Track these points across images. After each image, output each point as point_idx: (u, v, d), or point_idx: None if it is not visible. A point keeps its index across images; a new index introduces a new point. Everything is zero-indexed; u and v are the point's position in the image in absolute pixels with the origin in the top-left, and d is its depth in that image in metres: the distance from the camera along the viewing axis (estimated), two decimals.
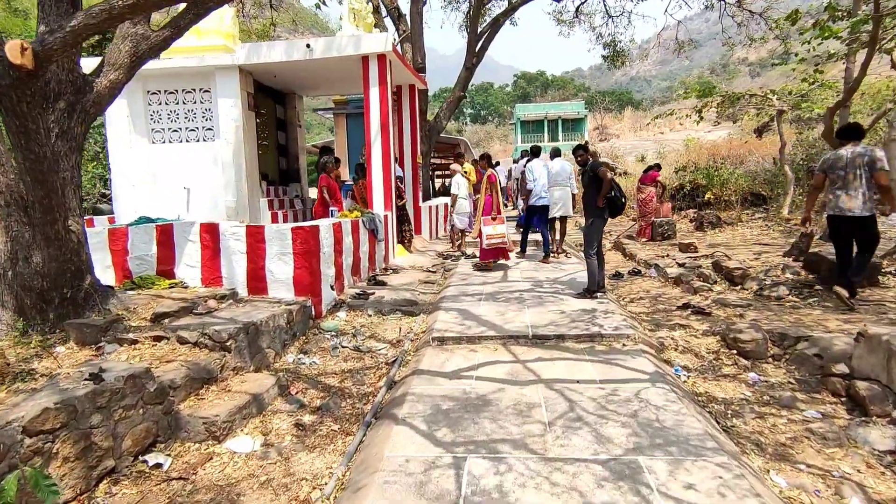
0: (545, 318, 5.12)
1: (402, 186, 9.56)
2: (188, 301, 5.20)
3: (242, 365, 4.42)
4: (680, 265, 7.42)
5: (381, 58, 8.31)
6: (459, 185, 9.13)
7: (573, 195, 8.61)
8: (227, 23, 9.61)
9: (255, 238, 5.73)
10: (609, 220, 6.09)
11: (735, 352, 4.45)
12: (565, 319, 5.08)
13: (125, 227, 6.06)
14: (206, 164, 9.00)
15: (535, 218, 8.50)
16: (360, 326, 5.70)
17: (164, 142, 9.28)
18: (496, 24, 13.53)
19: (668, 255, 8.24)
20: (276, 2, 14.83)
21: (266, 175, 10.93)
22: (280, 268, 5.70)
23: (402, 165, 10.58)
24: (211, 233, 5.86)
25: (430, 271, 7.84)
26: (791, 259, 6.71)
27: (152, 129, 9.28)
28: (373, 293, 6.48)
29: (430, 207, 10.97)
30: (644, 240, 10.32)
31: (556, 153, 8.89)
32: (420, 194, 11.06)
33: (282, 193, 10.64)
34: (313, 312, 5.70)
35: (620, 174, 19.08)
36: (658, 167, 10.68)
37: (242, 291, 5.83)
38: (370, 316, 6.00)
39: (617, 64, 14.17)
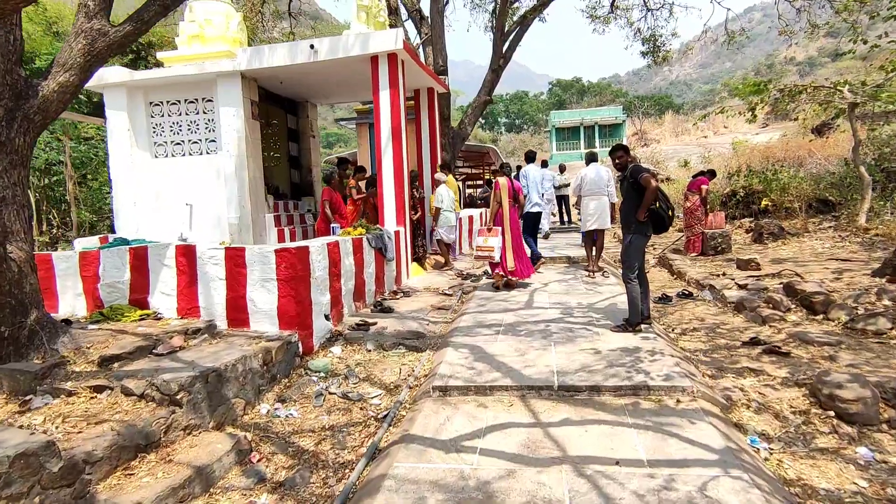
0: (575, 361, 4.10)
1: (419, 197, 8.69)
2: (151, 338, 4.46)
3: (198, 422, 3.60)
4: (741, 286, 6.24)
5: (392, 57, 7.51)
6: (442, 198, 8.34)
7: (612, 204, 7.59)
8: (234, 28, 9.07)
9: (235, 262, 4.96)
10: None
11: (833, 413, 3.32)
12: (600, 362, 4.05)
13: (97, 251, 5.41)
14: (208, 179, 8.41)
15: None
16: (355, 365, 4.82)
17: (166, 156, 8.75)
18: (524, 22, 12.61)
19: (724, 274, 7.04)
20: (295, 9, 14.40)
21: (277, 188, 10.31)
22: (262, 297, 4.90)
23: (420, 176, 9.75)
24: (187, 256, 5.13)
25: (445, 294, 6.92)
26: (885, 280, 5.44)
27: (155, 143, 8.77)
28: (375, 323, 5.60)
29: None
30: (694, 254, 9.09)
31: (591, 158, 7.88)
32: None
33: (292, 208, 9.97)
34: (300, 349, 4.86)
35: (663, 180, 17.72)
36: (711, 174, 9.41)
37: (222, 324, 5.06)
38: (369, 351, 5.12)
39: (657, 60, 12.97)
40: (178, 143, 8.70)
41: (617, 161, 5.09)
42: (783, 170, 11.57)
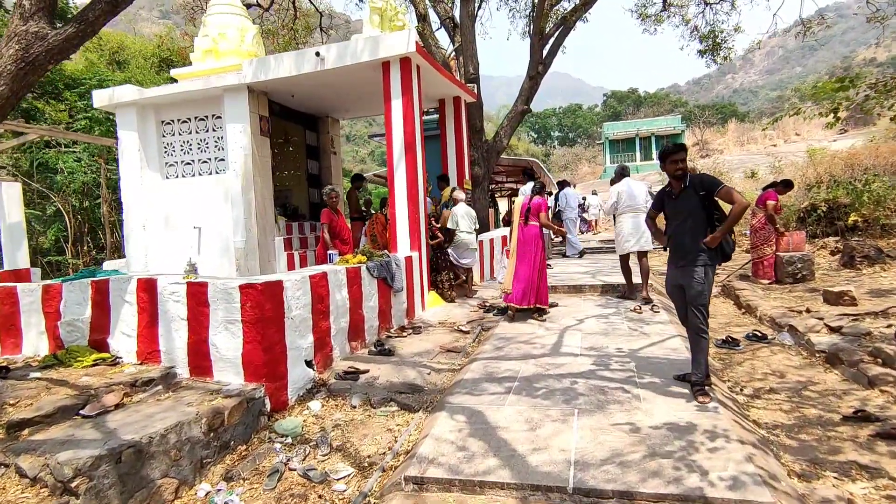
0: (603, 444, 3.01)
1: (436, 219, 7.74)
2: (86, 394, 3.75)
3: None
4: (832, 329, 4.88)
5: (405, 62, 6.71)
6: (458, 219, 7.38)
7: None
8: (248, 42, 8.60)
9: (197, 300, 4.21)
10: None
11: None
12: (638, 448, 2.94)
13: (59, 285, 4.83)
14: (217, 200, 7.87)
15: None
16: (333, 428, 3.92)
17: (177, 176, 8.32)
18: (565, 24, 11.56)
19: (807, 310, 5.66)
20: (327, 24, 14.04)
21: (296, 209, 9.72)
22: (226, 341, 4.11)
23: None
24: (149, 292, 4.44)
25: (461, 331, 5.93)
26: None
27: (166, 163, 8.37)
28: (367, 371, 4.70)
29: (481, 242, 9.08)
30: (766, 281, 7.63)
31: (622, 172, 6.93)
32: None
33: (309, 230, 9.32)
34: (267, 405, 4.02)
35: None
36: (786, 185, 7.91)
37: (183, 371, 4.31)
38: (353, 408, 4.21)
39: (717, 59, 11.53)
40: (189, 163, 8.25)
41: (679, 166, 3.68)
42: (876, 179, 9.82)
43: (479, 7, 12.36)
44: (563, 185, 12.49)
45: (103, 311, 4.63)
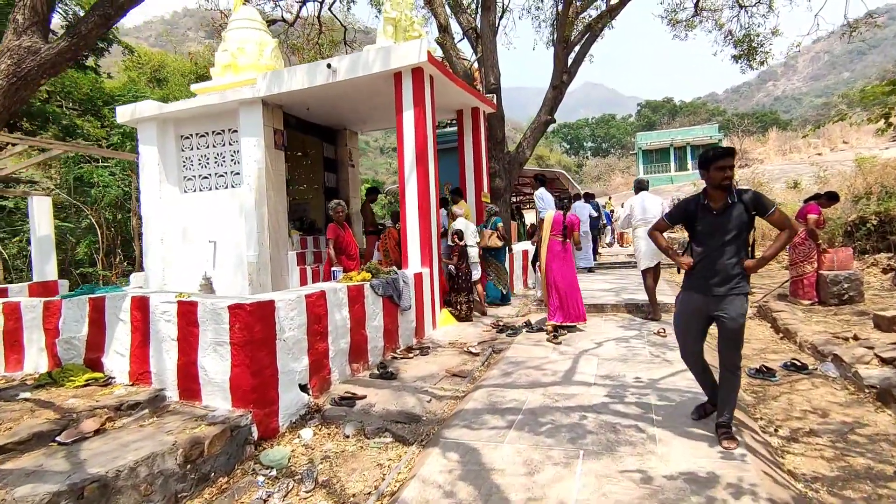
0: (608, 498, 2.64)
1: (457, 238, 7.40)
2: (68, 417, 3.62)
3: None
4: (885, 361, 4.34)
5: (417, 72, 6.51)
6: (466, 231, 7.35)
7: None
8: (267, 56, 8.60)
9: (187, 319, 4.05)
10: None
11: None
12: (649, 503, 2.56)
13: (59, 301, 4.78)
14: (232, 214, 7.83)
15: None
16: (321, 460, 3.66)
17: (195, 190, 8.35)
18: (591, 32, 11.20)
19: (855, 337, 5.10)
20: (351, 39, 14.07)
21: (313, 223, 9.63)
22: (215, 364, 3.92)
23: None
24: (142, 310, 4.31)
25: (471, 353, 5.61)
26: None
27: (184, 178, 8.41)
28: (364, 396, 4.44)
29: None
30: (807, 302, 7.02)
31: (640, 186, 6.90)
32: None
33: (325, 244, 9.19)
34: (254, 433, 3.80)
35: None
36: (830, 198, 7.25)
37: (173, 394, 4.15)
38: (346, 438, 3.95)
39: (753, 63, 10.90)
40: (206, 177, 8.26)
41: (727, 174, 3.03)
42: None
43: (501, 17, 12.14)
44: (576, 198, 12.18)
45: (99, 328, 4.54)
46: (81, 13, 17.66)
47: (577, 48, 11.29)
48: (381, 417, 4.11)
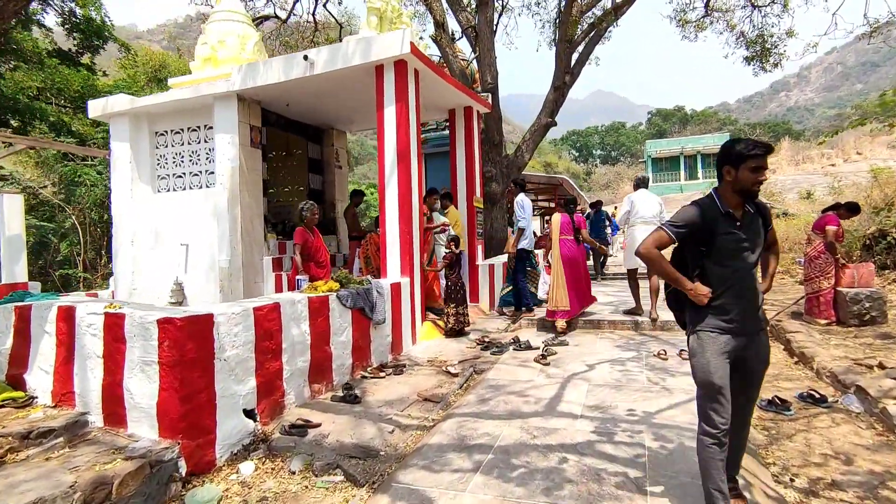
0: None
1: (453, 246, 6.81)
2: None
3: None
4: None
5: (399, 65, 6.01)
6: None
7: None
8: (250, 49, 8.15)
9: (113, 334, 3.54)
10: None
11: None
12: None
13: None
14: (205, 216, 7.34)
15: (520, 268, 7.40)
16: (257, 502, 3.13)
17: (168, 190, 7.88)
18: (596, 31, 10.69)
19: (880, 366, 4.51)
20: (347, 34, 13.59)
21: (294, 226, 9.12)
22: (141, 386, 3.40)
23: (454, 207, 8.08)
24: (68, 321, 3.81)
25: (449, 373, 5.05)
26: None
27: (158, 176, 7.95)
28: (319, 424, 3.90)
29: (493, 266, 8.20)
30: (824, 322, 6.42)
31: (641, 182, 6.88)
32: (479, 248, 8.37)
33: (292, 250, 8.67)
34: (182, 468, 3.27)
35: (778, 216, 14.52)
36: (850, 209, 6.60)
37: (97, 419, 3.63)
38: (292, 474, 3.41)
39: (766, 66, 10.32)
40: (180, 176, 7.80)
41: (763, 176, 2.31)
42: None
43: (501, 14, 11.66)
44: (596, 205, 11.71)
45: (25, 341, 4.04)
46: (78, 11, 17.41)
47: (580, 48, 10.78)
48: (334, 451, 3.57)
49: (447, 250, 6.75)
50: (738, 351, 2.34)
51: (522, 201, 7.26)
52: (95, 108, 7.91)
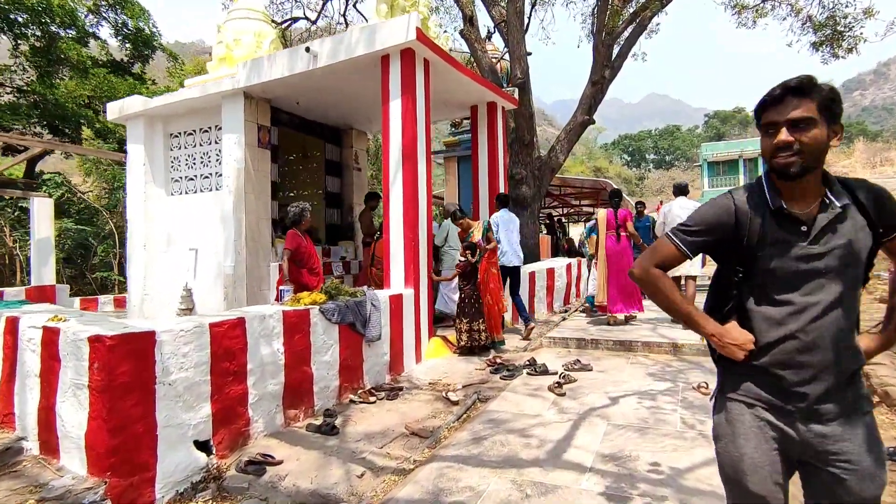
0: None
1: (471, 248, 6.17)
2: None
3: None
4: None
5: (407, 54, 5.46)
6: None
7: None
8: (266, 47, 7.83)
9: (49, 351, 3.15)
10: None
11: None
12: None
13: None
14: (214, 219, 7.06)
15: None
16: None
17: (181, 193, 7.67)
18: (639, 20, 9.79)
19: None
20: None
21: (309, 232, 8.74)
22: (73, 413, 2.98)
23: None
24: (13, 334, 3.46)
25: (448, 399, 4.40)
26: None
27: (172, 179, 7.76)
28: (281, 462, 3.36)
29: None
30: None
31: (680, 190, 6.73)
32: None
33: (321, 255, 8.26)
34: None
35: None
36: None
37: (34, 446, 3.25)
38: None
39: (838, 51, 9.00)
40: (192, 179, 7.56)
41: (779, 141, 1.35)
42: None
43: (534, 6, 10.94)
44: (639, 204, 10.71)
45: None
46: (129, 23, 18.05)
47: (622, 38, 9.90)
48: (290, 497, 3.01)
49: (461, 258, 6.12)
50: (803, 448, 1.40)
51: (499, 218, 6.49)
52: (113, 110, 7.83)
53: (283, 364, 3.88)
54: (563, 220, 20.41)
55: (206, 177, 7.40)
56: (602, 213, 6.79)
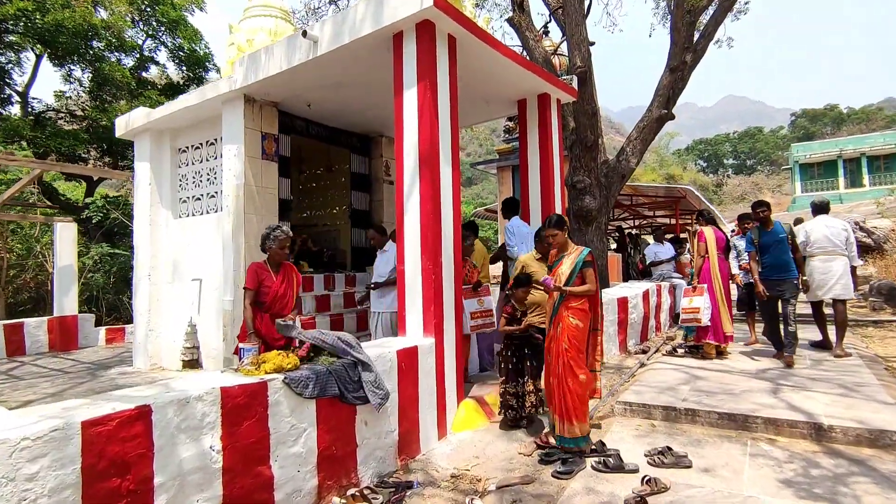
0: None
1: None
2: None
3: None
4: None
5: (424, 28, 4.17)
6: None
7: (853, 268, 5.72)
8: None
9: None
10: None
11: None
12: None
13: None
14: (216, 245, 6.08)
15: None
16: None
17: (188, 214, 6.78)
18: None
19: None
20: None
21: (333, 256, 7.62)
22: None
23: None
24: None
25: None
26: None
27: (179, 199, 6.90)
28: None
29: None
30: None
31: (820, 208, 6.03)
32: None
33: (341, 283, 7.06)
34: None
35: None
36: None
37: None
38: None
39: None
40: (198, 199, 6.66)
41: None
42: None
43: None
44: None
45: None
46: (185, 46, 18.21)
47: (707, 15, 8.16)
48: None
49: (508, 291, 4.67)
50: None
51: (515, 227, 5.23)
52: (120, 125, 7.13)
53: (219, 469, 2.63)
54: (635, 231, 18.27)
55: (213, 196, 6.47)
56: (710, 233, 6.14)
